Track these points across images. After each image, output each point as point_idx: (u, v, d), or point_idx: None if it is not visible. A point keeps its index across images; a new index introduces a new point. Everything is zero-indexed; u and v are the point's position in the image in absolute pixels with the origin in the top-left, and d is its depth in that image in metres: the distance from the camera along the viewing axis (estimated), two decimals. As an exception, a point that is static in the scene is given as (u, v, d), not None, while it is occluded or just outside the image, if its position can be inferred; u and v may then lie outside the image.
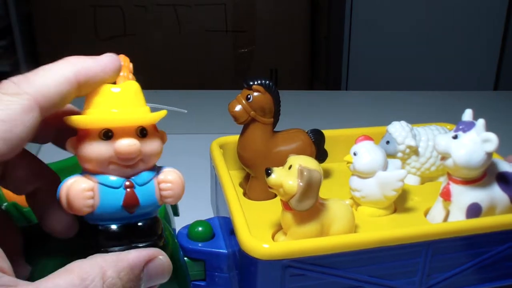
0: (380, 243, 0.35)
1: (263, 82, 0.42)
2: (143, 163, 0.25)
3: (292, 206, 0.35)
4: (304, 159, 0.36)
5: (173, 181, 0.25)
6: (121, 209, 0.24)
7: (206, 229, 0.39)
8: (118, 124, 0.24)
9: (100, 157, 0.24)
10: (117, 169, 0.24)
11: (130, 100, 0.25)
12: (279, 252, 0.33)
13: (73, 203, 0.23)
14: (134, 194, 0.24)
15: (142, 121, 0.25)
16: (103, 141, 0.24)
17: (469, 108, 0.42)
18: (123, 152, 0.24)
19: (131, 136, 0.24)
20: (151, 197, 0.25)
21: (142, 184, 0.25)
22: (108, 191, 0.24)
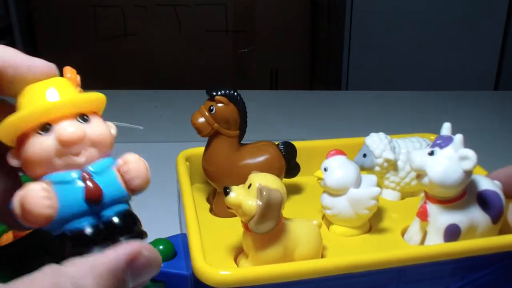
0: (347, 270, 0.33)
1: (227, 93, 0.39)
2: (95, 149, 0.22)
3: (251, 228, 0.33)
4: (264, 177, 0.34)
5: (132, 161, 0.23)
6: (84, 203, 0.22)
7: (167, 248, 0.36)
8: (53, 114, 0.22)
9: (45, 153, 0.21)
10: (67, 161, 0.22)
11: (61, 92, 0.23)
12: (234, 280, 0.31)
13: (29, 209, 0.21)
14: (94, 183, 0.22)
15: (78, 105, 0.22)
16: (42, 135, 0.22)
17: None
18: (66, 136, 0.21)
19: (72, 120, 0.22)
20: (114, 184, 0.22)
21: (99, 172, 0.22)
22: (64, 188, 0.21)
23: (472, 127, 0.75)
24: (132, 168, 0.23)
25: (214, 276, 0.31)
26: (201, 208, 0.43)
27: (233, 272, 0.31)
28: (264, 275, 0.31)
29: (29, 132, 0.22)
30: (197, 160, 0.46)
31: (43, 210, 0.21)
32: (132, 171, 0.23)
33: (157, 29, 1.75)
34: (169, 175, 0.61)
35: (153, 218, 0.46)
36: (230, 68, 1.80)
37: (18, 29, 1.76)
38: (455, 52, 1.65)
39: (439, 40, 1.65)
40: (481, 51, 1.65)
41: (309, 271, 0.32)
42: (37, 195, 0.21)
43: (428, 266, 0.34)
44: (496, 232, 0.38)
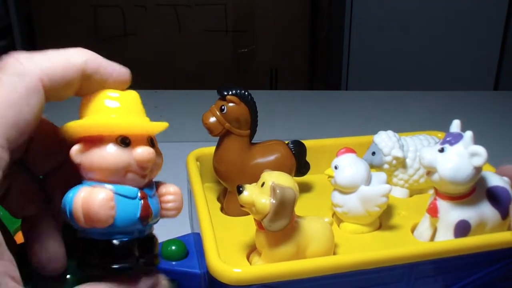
0: (359, 266, 0.33)
1: (238, 92, 0.40)
2: (151, 174, 0.24)
3: (264, 225, 0.33)
4: (277, 176, 0.34)
5: (176, 193, 0.25)
6: (137, 220, 0.23)
7: (179, 247, 0.37)
8: (137, 131, 0.23)
9: (119, 165, 0.22)
10: (133, 178, 0.23)
11: (134, 108, 0.24)
12: (249, 277, 0.31)
13: (97, 215, 0.21)
14: (149, 205, 0.23)
15: (155, 130, 0.24)
16: (121, 147, 0.22)
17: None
18: (144, 159, 0.23)
19: (145, 144, 0.23)
20: (157, 209, 0.24)
21: (152, 195, 0.24)
22: (125, 201, 0.23)
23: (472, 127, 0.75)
24: (175, 199, 0.25)
25: (229, 274, 0.31)
26: (212, 208, 0.43)
27: (249, 270, 0.32)
28: (278, 272, 0.32)
29: (106, 139, 0.22)
30: (207, 160, 0.46)
31: (110, 219, 0.22)
32: (174, 204, 0.24)
33: (157, 29, 1.74)
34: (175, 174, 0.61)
35: (164, 219, 0.46)
36: (230, 68, 1.80)
37: (18, 29, 1.76)
38: (455, 52, 1.66)
39: (439, 40, 1.65)
40: (481, 51, 1.65)
41: (322, 268, 0.33)
42: (104, 201, 0.21)
43: (438, 262, 0.35)
44: (506, 228, 0.39)
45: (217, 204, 0.45)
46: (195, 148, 0.48)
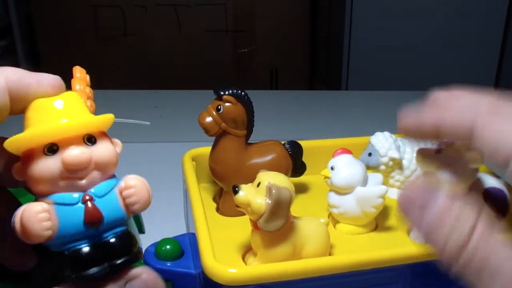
0: (355, 267, 0.33)
1: (235, 92, 0.40)
2: (98, 172, 0.23)
3: (260, 226, 0.33)
4: (273, 176, 0.34)
5: (135, 185, 0.23)
6: (84, 226, 0.22)
7: (174, 247, 0.37)
8: (61, 135, 0.22)
9: (50, 175, 0.22)
10: (69, 184, 0.22)
11: (70, 109, 0.23)
12: (244, 278, 0.31)
13: (29, 229, 0.21)
14: (95, 207, 0.22)
15: (86, 127, 0.23)
16: (49, 156, 0.22)
17: None
18: (71, 163, 0.22)
19: (78, 144, 0.22)
20: (115, 208, 0.23)
21: (102, 195, 0.23)
22: (65, 209, 0.22)
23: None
24: (136, 192, 0.23)
25: (224, 274, 0.31)
26: (207, 208, 0.43)
27: (244, 270, 0.32)
28: (274, 272, 0.32)
29: (35, 151, 0.22)
30: (202, 160, 0.46)
31: (42, 232, 0.21)
32: (135, 196, 0.23)
33: (157, 29, 1.75)
34: (172, 174, 0.61)
35: (159, 218, 0.46)
36: (230, 68, 1.80)
37: (18, 29, 1.76)
38: (455, 51, 1.65)
39: (439, 40, 1.65)
40: (481, 51, 1.65)
41: (317, 269, 0.33)
42: (36, 217, 0.21)
43: (434, 263, 0.34)
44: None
45: (213, 204, 0.45)
46: (194, 148, 0.48)
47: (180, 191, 0.49)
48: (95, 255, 0.22)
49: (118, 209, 0.23)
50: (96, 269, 0.22)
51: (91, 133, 0.23)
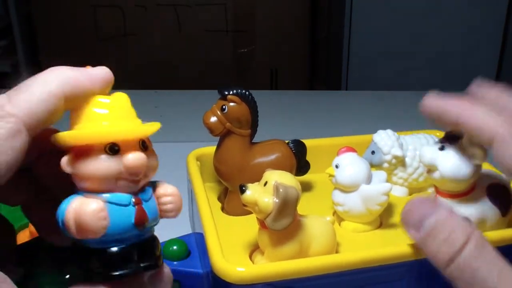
0: (361, 264, 0.33)
1: (239, 92, 0.40)
2: (145, 178, 0.23)
3: (267, 225, 0.33)
4: (280, 175, 0.34)
5: (173, 194, 0.24)
6: (133, 227, 0.23)
7: (181, 247, 0.37)
8: (125, 137, 0.23)
9: (109, 174, 0.22)
10: (125, 185, 0.23)
11: (125, 112, 0.24)
12: (253, 276, 0.31)
13: (88, 226, 0.21)
14: (143, 210, 0.23)
15: (145, 133, 0.24)
16: (110, 156, 0.22)
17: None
18: (134, 166, 0.22)
19: (136, 149, 0.23)
20: (155, 212, 0.24)
21: (147, 199, 0.23)
22: (118, 209, 0.22)
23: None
24: (173, 201, 0.24)
25: (233, 273, 0.31)
26: (212, 207, 0.43)
27: (252, 269, 0.32)
28: (282, 271, 0.32)
29: (95, 148, 0.22)
30: (207, 160, 0.46)
31: (100, 229, 0.22)
32: (172, 205, 0.24)
33: (157, 29, 1.75)
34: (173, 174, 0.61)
35: (164, 219, 0.46)
36: (230, 68, 1.80)
37: (18, 29, 1.76)
38: (455, 52, 1.66)
39: (439, 40, 1.65)
40: (481, 51, 1.65)
41: (324, 266, 0.33)
42: (95, 213, 0.21)
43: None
44: (505, 225, 0.39)
45: (218, 204, 0.45)
46: (195, 148, 0.48)
47: (183, 191, 0.49)
48: (132, 255, 0.23)
49: (156, 214, 0.24)
50: (126, 270, 0.23)
51: (144, 138, 0.24)
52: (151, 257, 0.24)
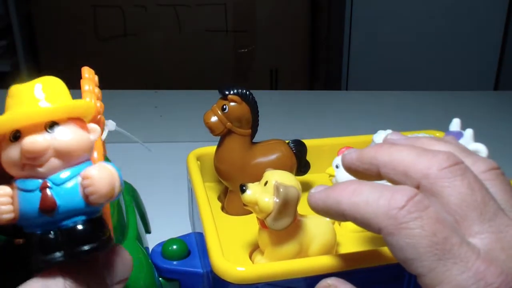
0: (361, 264, 0.33)
1: (240, 92, 0.40)
2: (59, 160, 0.22)
3: (268, 224, 0.33)
4: (280, 174, 0.34)
5: (92, 176, 0.22)
6: (39, 213, 0.22)
7: (180, 247, 0.37)
8: (21, 122, 0.22)
9: (12, 161, 0.22)
10: (30, 170, 0.22)
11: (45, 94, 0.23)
12: (253, 276, 0.31)
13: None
14: (47, 195, 0.22)
15: (47, 115, 0.22)
16: (12, 143, 0.22)
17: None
18: (26, 150, 0.21)
19: (39, 132, 0.22)
20: (73, 197, 0.22)
21: (59, 183, 0.22)
22: (25, 195, 0.22)
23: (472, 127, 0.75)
24: (92, 183, 0.22)
25: (233, 272, 0.31)
26: (212, 207, 0.43)
27: (253, 268, 0.32)
28: (282, 270, 0.32)
29: (5, 137, 0.22)
30: (207, 159, 0.46)
31: (1, 216, 0.22)
32: (91, 187, 0.22)
33: (157, 29, 1.75)
34: (174, 174, 0.61)
35: (163, 218, 0.46)
36: (230, 68, 1.80)
37: (18, 29, 1.76)
38: (455, 52, 1.66)
39: (439, 40, 1.65)
40: (481, 51, 1.65)
41: (324, 266, 0.33)
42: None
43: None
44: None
45: (218, 203, 0.45)
46: (195, 148, 0.48)
47: (183, 191, 0.49)
48: (55, 241, 0.22)
49: (76, 198, 0.22)
50: (58, 253, 0.22)
51: (57, 120, 0.23)
52: (88, 242, 0.23)
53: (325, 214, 0.28)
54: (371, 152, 0.28)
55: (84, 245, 0.22)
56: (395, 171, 0.26)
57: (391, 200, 0.24)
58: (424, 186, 0.25)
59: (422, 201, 0.24)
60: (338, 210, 0.26)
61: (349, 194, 0.26)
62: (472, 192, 0.24)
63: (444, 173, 0.24)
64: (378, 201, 0.24)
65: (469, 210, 0.24)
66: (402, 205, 0.23)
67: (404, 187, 0.24)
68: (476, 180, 0.25)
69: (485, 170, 0.26)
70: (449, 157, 0.25)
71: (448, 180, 0.24)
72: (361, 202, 0.25)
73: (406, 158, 0.26)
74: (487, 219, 0.24)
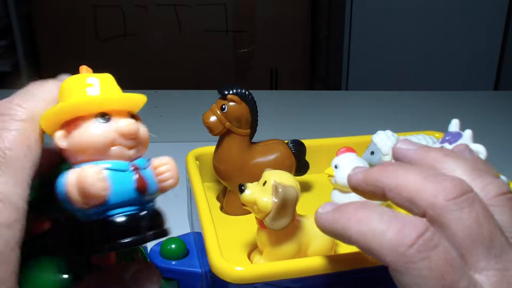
0: (360, 264, 0.33)
1: (239, 91, 0.40)
2: (137, 148, 0.24)
3: (266, 224, 0.33)
4: (279, 174, 0.34)
5: (168, 162, 0.24)
6: (135, 192, 0.22)
7: (179, 246, 0.37)
8: (116, 106, 0.23)
9: (103, 140, 0.22)
10: (120, 151, 0.23)
11: (109, 86, 0.24)
12: (251, 276, 0.31)
13: (90, 190, 0.21)
14: (142, 176, 0.23)
15: (135, 103, 0.24)
16: (102, 123, 0.23)
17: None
18: (128, 130, 0.23)
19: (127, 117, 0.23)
20: (153, 181, 0.24)
21: (143, 167, 0.23)
22: (118, 175, 0.22)
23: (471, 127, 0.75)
24: (169, 169, 0.24)
25: (232, 272, 0.31)
26: (211, 207, 0.43)
27: (251, 268, 0.32)
28: (280, 270, 0.32)
29: (85, 118, 0.23)
30: (205, 159, 0.46)
31: (101, 191, 0.21)
32: (169, 172, 0.24)
33: (157, 29, 1.75)
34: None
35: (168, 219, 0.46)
36: (230, 68, 1.81)
37: (18, 29, 1.76)
38: (455, 52, 1.66)
39: (439, 40, 1.65)
40: (481, 51, 1.65)
41: (323, 266, 0.33)
42: (96, 176, 0.21)
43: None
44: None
45: (217, 203, 0.45)
46: (194, 148, 0.48)
47: (182, 191, 0.49)
48: (135, 224, 0.22)
49: (154, 183, 0.24)
50: (132, 238, 0.22)
51: (133, 112, 0.24)
52: (159, 226, 0.23)
53: (332, 236, 0.27)
54: (376, 174, 0.27)
55: (151, 231, 0.23)
56: (400, 197, 0.25)
57: (399, 235, 0.23)
58: (431, 216, 0.24)
59: (432, 239, 0.23)
60: (344, 236, 0.26)
61: (357, 222, 0.25)
62: (478, 226, 0.23)
63: (450, 204, 0.23)
64: (386, 234, 0.23)
65: (475, 245, 0.23)
66: (411, 243, 0.23)
67: (413, 219, 0.23)
68: (484, 212, 0.24)
69: (495, 195, 0.25)
70: (456, 186, 0.24)
71: (454, 212, 0.23)
72: (369, 232, 0.24)
73: (412, 184, 0.25)
74: (493, 255, 0.23)
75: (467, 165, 0.26)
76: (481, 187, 0.25)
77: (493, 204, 0.24)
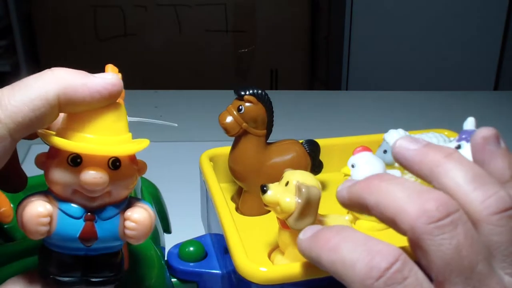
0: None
1: (256, 92, 0.40)
2: (110, 197, 0.23)
3: (289, 225, 0.34)
4: (301, 175, 0.34)
5: (138, 221, 0.23)
6: (77, 240, 0.23)
7: (198, 248, 0.37)
8: (88, 152, 0.22)
9: (65, 183, 0.22)
10: (81, 198, 0.23)
11: (111, 125, 0.23)
12: (278, 276, 0.31)
13: (26, 226, 0.22)
14: (93, 227, 0.23)
15: (114, 153, 0.23)
16: (69, 167, 0.22)
17: (471, 115, 0.40)
18: (88, 183, 0.22)
19: (101, 167, 0.22)
20: (112, 232, 0.23)
21: (105, 218, 0.23)
22: (66, 220, 0.23)
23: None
24: (136, 228, 0.23)
25: (257, 273, 0.31)
26: (227, 208, 0.43)
27: (276, 269, 0.32)
28: (304, 270, 0.32)
29: (61, 155, 0.22)
30: (218, 160, 0.46)
31: (37, 234, 0.22)
32: (134, 232, 0.24)
33: (157, 29, 1.75)
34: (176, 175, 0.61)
35: (176, 221, 0.46)
36: (230, 68, 1.81)
37: (18, 29, 1.75)
38: (455, 52, 1.66)
39: (439, 40, 1.65)
40: (481, 51, 1.66)
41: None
42: (35, 220, 0.22)
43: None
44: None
45: (232, 204, 0.45)
46: (194, 147, 0.47)
47: (192, 192, 0.48)
48: (75, 266, 0.23)
49: (114, 234, 0.24)
50: (72, 279, 0.23)
51: (118, 157, 0.23)
52: (102, 273, 0.24)
53: (313, 263, 0.26)
54: (359, 191, 0.25)
55: (99, 276, 0.24)
56: (383, 216, 0.24)
57: (368, 266, 0.22)
58: (411, 239, 0.23)
59: (401, 271, 0.22)
60: (319, 265, 0.25)
61: (328, 251, 0.24)
62: (458, 255, 0.22)
63: (430, 228, 0.22)
64: (356, 265, 0.22)
65: (453, 274, 0.22)
66: (379, 276, 0.21)
67: (386, 248, 0.22)
68: (468, 237, 0.22)
69: (496, 212, 0.23)
70: (439, 207, 0.22)
71: (435, 238, 0.22)
72: (339, 262, 0.23)
73: (394, 203, 0.23)
74: (471, 286, 0.22)
75: (469, 171, 0.24)
76: (481, 199, 0.23)
77: (492, 222, 0.23)
